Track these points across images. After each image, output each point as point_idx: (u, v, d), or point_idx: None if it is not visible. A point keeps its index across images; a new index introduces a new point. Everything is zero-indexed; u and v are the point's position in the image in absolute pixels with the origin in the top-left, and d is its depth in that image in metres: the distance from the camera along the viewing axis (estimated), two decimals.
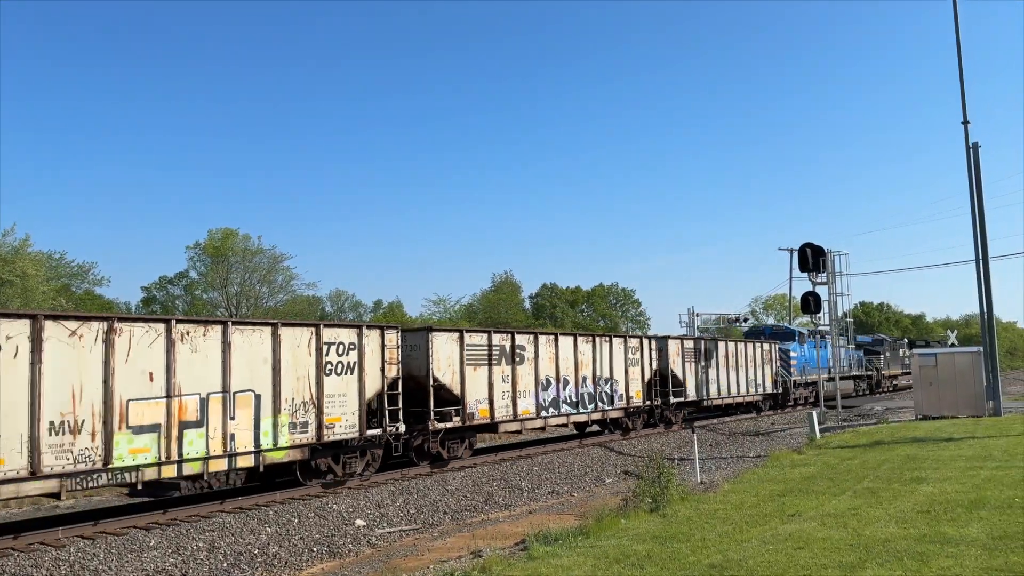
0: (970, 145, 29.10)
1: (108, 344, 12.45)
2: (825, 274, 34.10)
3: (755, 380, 34.20)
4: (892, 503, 11.94)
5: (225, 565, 11.77)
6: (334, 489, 16.01)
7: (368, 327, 17.03)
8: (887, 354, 51.67)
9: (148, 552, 11.52)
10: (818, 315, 34.65)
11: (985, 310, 29.08)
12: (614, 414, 25.18)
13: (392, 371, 17.35)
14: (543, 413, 21.74)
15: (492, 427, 20.41)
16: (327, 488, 16.17)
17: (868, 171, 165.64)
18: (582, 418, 24.08)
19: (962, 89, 29.32)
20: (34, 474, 11.36)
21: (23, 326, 11.56)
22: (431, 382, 18.38)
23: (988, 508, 11.12)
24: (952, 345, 58.14)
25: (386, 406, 17.05)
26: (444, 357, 18.85)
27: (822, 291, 34.41)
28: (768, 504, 12.60)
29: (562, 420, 22.99)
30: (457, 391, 19.02)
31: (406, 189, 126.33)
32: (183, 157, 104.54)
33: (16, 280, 33.51)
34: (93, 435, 12.10)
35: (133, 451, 12.59)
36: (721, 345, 32.11)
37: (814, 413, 25.16)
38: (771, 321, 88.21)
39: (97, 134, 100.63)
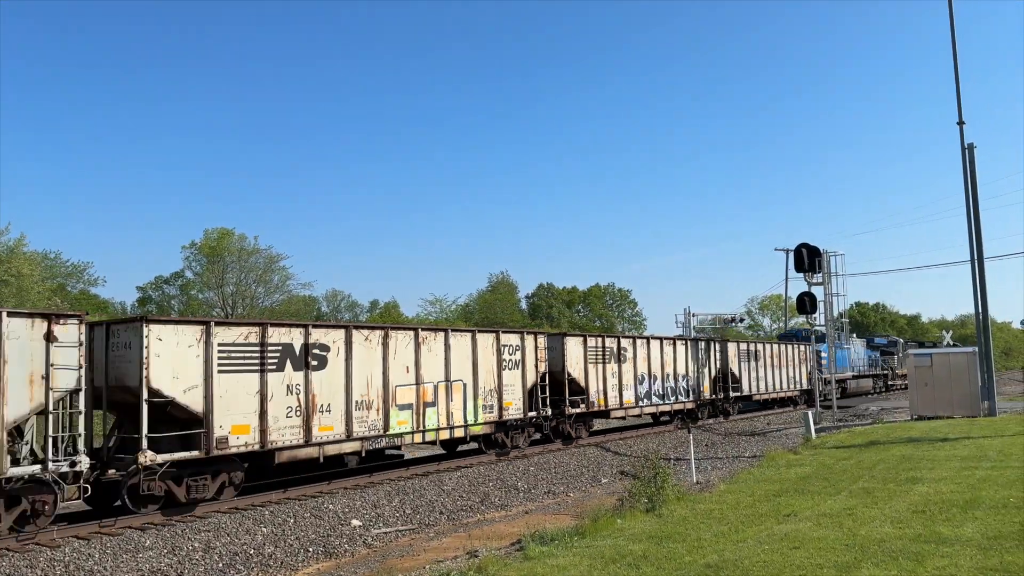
0: (965, 146, 29.19)
1: (385, 346, 17.15)
2: (821, 274, 34.13)
3: (793, 377, 38.62)
4: (887, 503, 11.97)
5: (221, 565, 11.75)
6: (330, 489, 16.00)
7: (527, 333, 21.97)
8: (900, 355, 54.75)
9: (143, 552, 11.49)
10: (814, 315, 34.68)
11: (980, 310, 29.17)
12: (689, 405, 29.86)
13: (542, 367, 21.78)
14: (640, 403, 26.54)
15: (605, 413, 25.10)
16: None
17: (864, 172, 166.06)
18: (666, 408, 28.43)
19: (958, 91, 29.42)
20: (348, 437, 16.11)
21: (340, 334, 16.33)
22: (566, 377, 23.00)
23: (983, 508, 11.16)
24: (948, 345, 58.54)
25: (538, 395, 21.57)
26: (573, 356, 23.50)
27: (818, 291, 34.46)
28: (764, 504, 12.61)
29: (653, 409, 27.63)
30: (582, 383, 23.70)
31: (402, 189, 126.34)
32: (179, 157, 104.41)
33: (11, 280, 33.42)
34: (377, 411, 16.91)
35: (399, 423, 17.41)
36: (767, 347, 36.63)
37: (810, 413, 25.22)
38: (767, 322, 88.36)
39: (93, 134, 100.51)
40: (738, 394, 33.24)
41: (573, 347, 23.52)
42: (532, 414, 21.34)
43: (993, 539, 9.22)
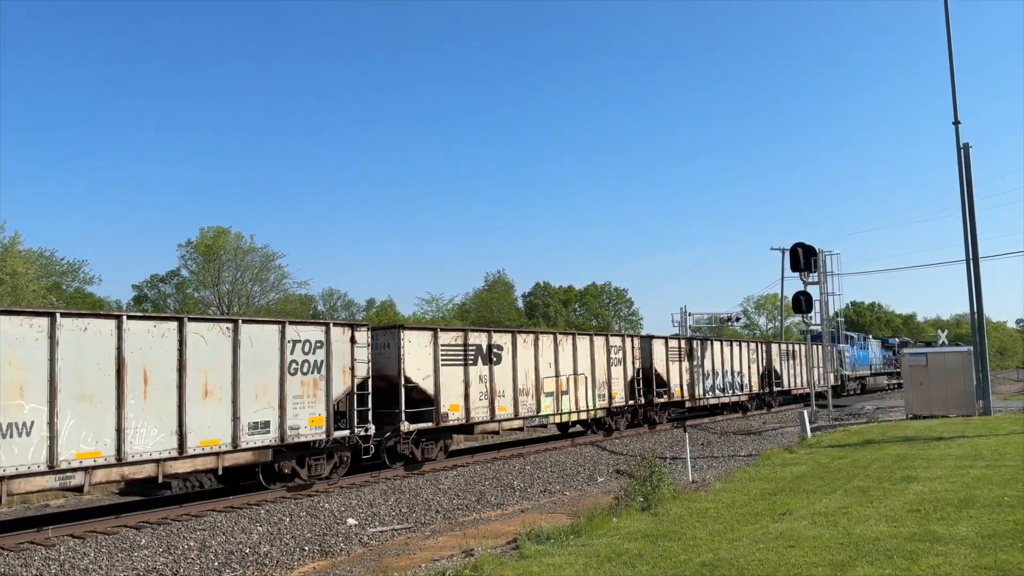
0: (961, 146, 29.24)
1: (535, 346, 22.12)
2: (816, 274, 34.16)
3: (824, 375, 43.03)
4: (882, 502, 11.99)
5: (216, 564, 11.74)
6: (326, 488, 15.99)
7: (626, 336, 26.97)
8: None
9: (139, 551, 11.48)
10: (809, 315, 34.71)
11: (975, 310, 29.23)
12: (743, 398, 35.01)
13: (637, 363, 26.98)
14: (708, 395, 31.49)
15: (681, 403, 30.28)
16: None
17: (860, 171, 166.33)
18: (726, 400, 33.32)
19: (953, 90, 29.48)
20: (515, 416, 21.17)
21: (509, 337, 21.37)
22: (653, 372, 27.94)
23: (978, 507, 11.18)
24: (943, 345, 58.75)
25: (636, 386, 26.81)
26: (658, 355, 28.46)
27: (813, 291, 34.47)
28: (759, 503, 12.63)
29: (716, 401, 32.63)
30: (665, 378, 28.79)
31: (398, 188, 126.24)
32: (175, 155, 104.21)
33: (6, 278, 33.33)
34: (532, 397, 21.83)
35: (546, 406, 22.34)
36: (802, 348, 40.66)
37: (805, 412, 25.24)
38: (763, 321, 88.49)
39: (87, 132, 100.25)
40: (780, 388, 38.37)
41: (658, 348, 28.51)
42: (631, 402, 26.49)
43: (987, 538, 9.24)
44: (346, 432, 16.51)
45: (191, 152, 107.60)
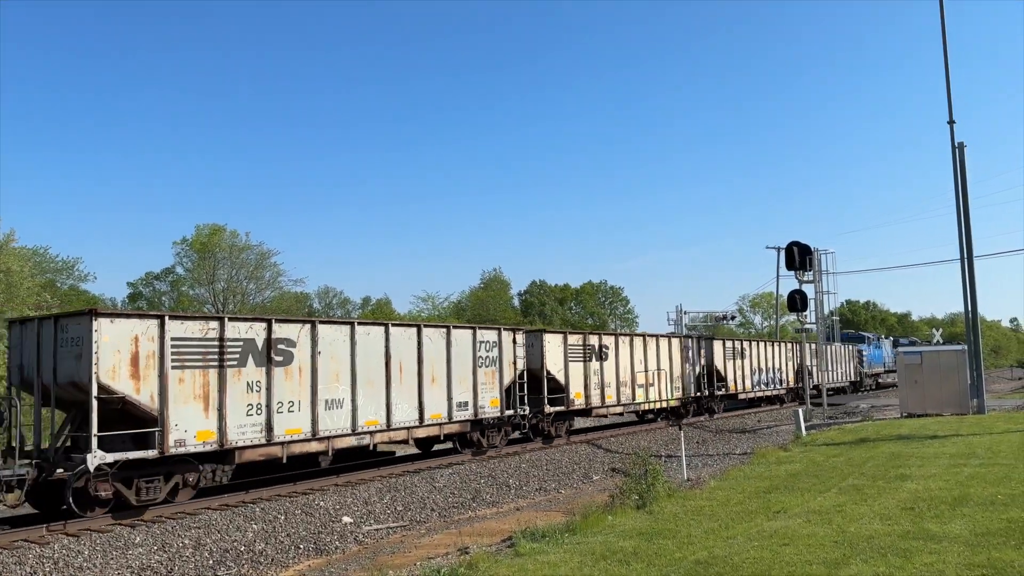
0: (956, 145, 29.30)
1: (631, 346, 27.06)
2: (812, 272, 34.20)
3: (846, 371, 48.80)
4: (876, 500, 12.02)
5: (211, 562, 11.72)
6: (321, 486, 15.98)
7: (695, 338, 32.19)
8: None
9: (133, 549, 11.45)
10: (804, 313, 34.78)
11: (970, 309, 29.31)
12: (782, 392, 39.97)
13: (703, 361, 32.19)
14: (754, 389, 36.46)
15: (735, 396, 34.79)
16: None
17: (856, 170, 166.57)
18: (769, 393, 38.12)
19: (948, 89, 29.54)
20: (618, 403, 25.86)
21: (612, 339, 26.29)
22: (714, 370, 32.88)
23: (971, 505, 11.22)
24: (937, 343, 59.11)
25: (703, 382, 32.03)
26: (718, 354, 33.00)
27: (808, 289, 34.53)
28: (754, 501, 12.66)
29: (759, 394, 37.24)
30: (723, 373, 33.20)
31: (395, 186, 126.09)
32: (170, 152, 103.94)
33: (0, 276, 33.17)
34: (629, 388, 26.66)
35: (639, 396, 27.24)
36: (831, 347, 45.43)
37: (800, 411, 25.28)
38: (758, 319, 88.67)
39: (83, 129, 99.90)
40: (811, 382, 42.70)
41: (718, 348, 33.19)
42: (697, 393, 31.50)
43: (981, 536, 9.28)
44: (510, 412, 21.02)
45: (186, 150, 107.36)
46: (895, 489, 12.95)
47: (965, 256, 28.95)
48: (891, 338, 67.25)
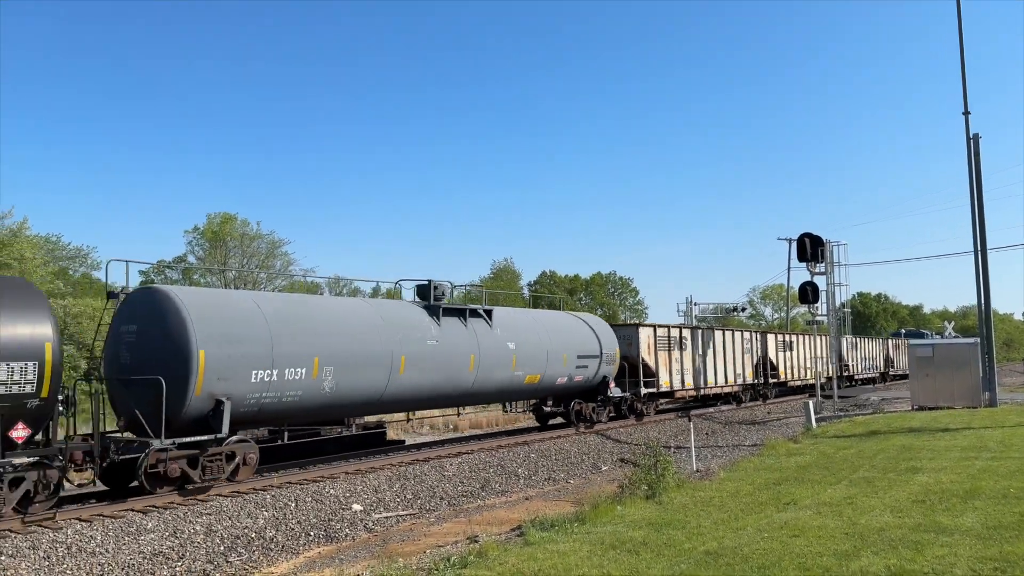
0: (970, 136, 29.04)
1: (702, 338, 30.82)
2: (823, 264, 34.04)
3: (876, 361, 54.31)
4: (887, 492, 11.99)
5: (222, 548, 11.80)
6: (331, 474, 16.04)
7: (752, 331, 36.77)
8: None
9: (145, 535, 11.54)
10: (815, 305, 34.65)
11: (982, 301, 29.11)
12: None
13: (759, 352, 35.54)
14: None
15: (784, 383, 38.98)
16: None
17: (867, 160, 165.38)
18: (812, 381, 39.88)
19: (963, 80, 29.26)
20: (694, 387, 29.96)
21: (689, 331, 29.73)
22: (769, 359, 36.70)
23: (983, 498, 11.17)
24: (949, 336, 58.90)
25: (757, 370, 35.61)
26: (771, 346, 37.12)
27: (820, 281, 34.39)
28: (764, 492, 12.64)
29: (802, 383, 40.53)
30: (776, 363, 37.30)
31: (404, 175, 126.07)
32: (182, 142, 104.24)
33: (14, 263, 33.44)
34: (700, 374, 30.14)
35: (709, 381, 30.95)
36: (891, 342, 57.05)
37: (810, 402, 25.21)
38: (768, 311, 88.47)
39: (93, 120, 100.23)
40: (847, 374, 47.16)
41: (771, 340, 37.24)
42: (754, 381, 34.92)
43: (993, 529, 9.24)
44: (619, 392, 24.96)
45: (198, 139, 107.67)
46: (906, 482, 12.91)
47: (978, 248, 28.73)
48: (925, 332, 71.02)
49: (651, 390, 26.79)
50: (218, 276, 49.37)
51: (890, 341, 59.60)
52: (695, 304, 47.82)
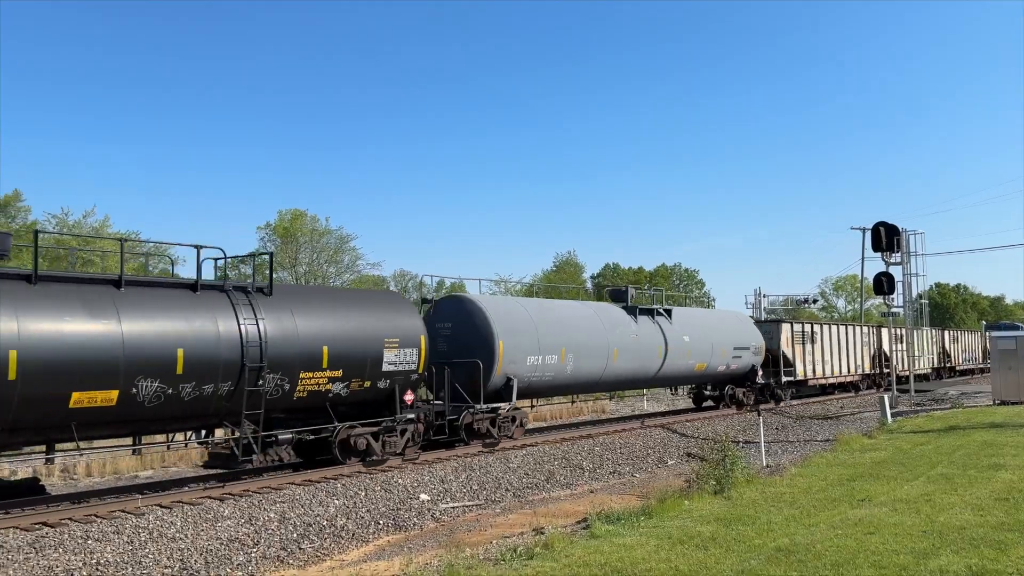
0: None
1: (828, 333, 34.56)
2: (899, 254, 32.97)
3: (974, 353, 57.05)
4: (968, 490, 11.57)
5: (295, 535, 12.12)
6: (400, 465, 16.29)
7: (868, 326, 39.10)
8: None
9: (222, 522, 11.93)
10: (891, 296, 33.61)
11: None
12: (927, 372, 46.72)
13: (875, 345, 38.80)
14: (963, 364, 50.75)
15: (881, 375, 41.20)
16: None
17: (944, 144, 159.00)
18: (923, 372, 43.29)
19: None
20: (824, 376, 33.99)
21: (819, 327, 34.13)
22: (881, 351, 39.02)
23: None
24: None
25: (874, 362, 38.69)
26: (885, 339, 38.88)
27: (896, 272, 33.34)
28: (837, 489, 12.35)
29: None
30: (889, 355, 38.35)
31: (467, 169, 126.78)
32: (253, 139, 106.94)
33: (96, 259, 34.87)
34: (828, 365, 33.96)
35: (834, 371, 34.60)
36: (960, 333, 56.97)
37: (885, 397, 24.50)
38: (841, 303, 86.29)
39: (170, 120, 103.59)
40: (950, 365, 51.09)
41: (885, 334, 39.08)
42: (871, 371, 38.29)
43: None
44: (763, 380, 28.71)
45: (267, 136, 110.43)
46: (988, 479, 12.44)
47: None
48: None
49: (789, 378, 30.48)
50: (289, 271, 50.57)
51: (988, 334, 58.90)
52: (764, 296, 46.93)
